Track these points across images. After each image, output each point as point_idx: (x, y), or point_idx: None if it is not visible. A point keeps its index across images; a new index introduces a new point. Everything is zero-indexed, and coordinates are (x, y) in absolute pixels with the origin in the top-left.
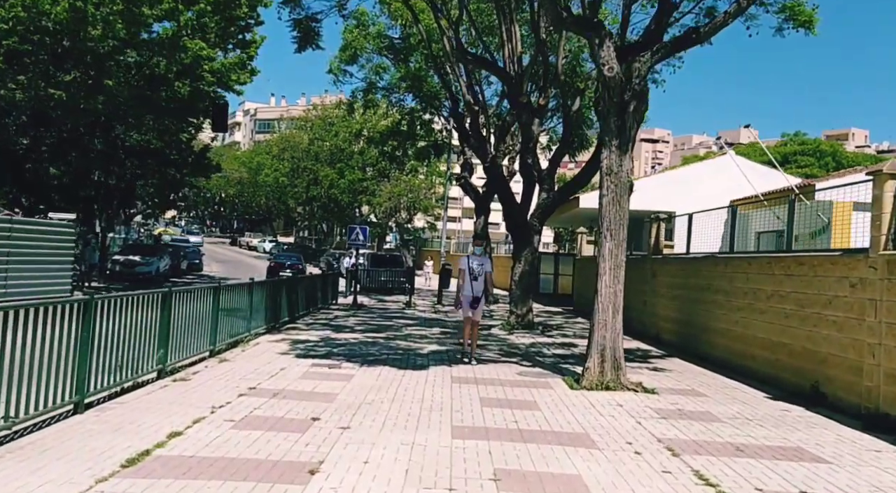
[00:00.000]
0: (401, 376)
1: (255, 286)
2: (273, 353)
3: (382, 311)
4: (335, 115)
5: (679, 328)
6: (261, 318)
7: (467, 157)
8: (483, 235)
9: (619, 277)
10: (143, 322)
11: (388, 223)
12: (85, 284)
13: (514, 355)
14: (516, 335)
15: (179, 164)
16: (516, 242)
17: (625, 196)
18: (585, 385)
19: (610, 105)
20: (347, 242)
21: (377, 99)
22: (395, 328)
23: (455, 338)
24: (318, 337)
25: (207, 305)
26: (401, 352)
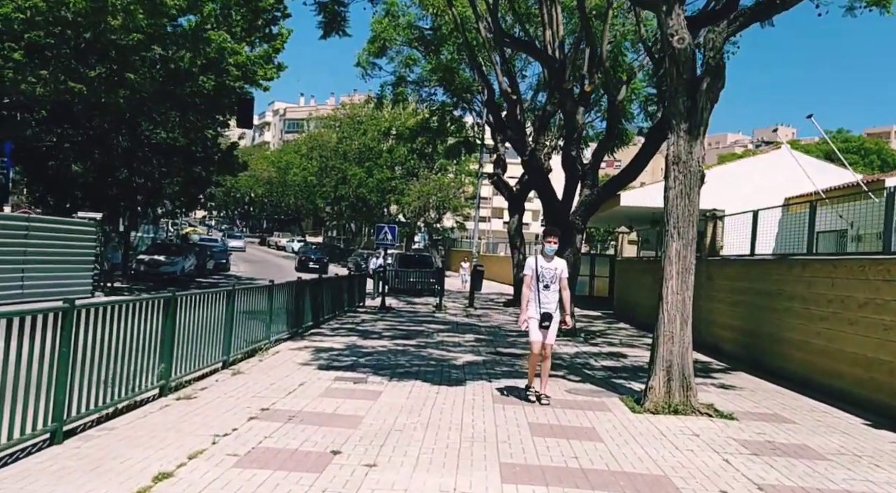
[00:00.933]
0: (435, 394)
1: (275, 289)
2: (293, 363)
3: (412, 314)
4: (363, 113)
5: (743, 338)
6: (282, 323)
7: (500, 153)
8: (555, 229)
9: (689, 282)
10: (141, 333)
11: (417, 223)
12: (107, 284)
13: (559, 366)
14: (558, 343)
15: (206, 161)
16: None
17: (695, 189)
18: (649, 407)
19: (679, 83)
20: (375, 241)
21: (406, 93)
22: (425, 335)
23: (491, 346)
24: (344, 344)
25: (220, 310)
26: (433, 363)
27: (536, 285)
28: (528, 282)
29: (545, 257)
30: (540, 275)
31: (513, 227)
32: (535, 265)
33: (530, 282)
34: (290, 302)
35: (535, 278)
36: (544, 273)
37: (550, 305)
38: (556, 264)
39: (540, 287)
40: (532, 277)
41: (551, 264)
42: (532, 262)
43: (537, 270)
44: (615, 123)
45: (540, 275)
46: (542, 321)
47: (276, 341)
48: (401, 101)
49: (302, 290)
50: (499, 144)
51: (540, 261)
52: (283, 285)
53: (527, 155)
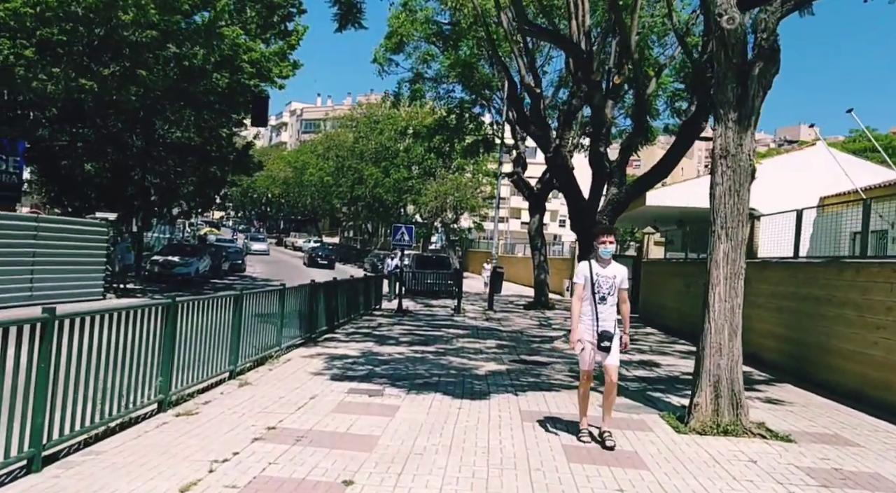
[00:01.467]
0: (457, 409)
1: (287, 292)
2: (305, 373)
3: (429, 318)
4: (380, 112)
5: (787, 347)
6: (294, 328)
7: (520, 151)
8: (610, 226)
9: (738, 288)
10: (136, 343)
11: (434, 224)
12: (119, 285)
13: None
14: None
15: (221, 161)
16: (583, 244)
17: (745, 185)
18: (696, 427)
19: (727, 68)
20: (392, 242)
21: (424, 89)
22: (444, 340)
23: (514, 353)
24: (359, 351)
25: (227, 316)
26: (454, 372)
27: (592, 296)
28: (581, 293)
29: (601, 262)
30: (595, 284)
31: (533, 227)
32: (590, 272)
33: (582, 293)
34: (304, 306)
35: (588, 286)
36: (601, 282)
37: (608, 321)
38: (615, 270)
39: (595, 299)
40: (586, 287)
41: (609, 270)
42: (585, 268)
43: (592, 278)
44: (643, 118)
45: (595, 284)
46: (600, 341)
47: (288, 348)
48: (418, 98)
49: (315, 293)
50: (519, 142)
51: (595, 267)
52: (295, 289)
53: (551, 152)
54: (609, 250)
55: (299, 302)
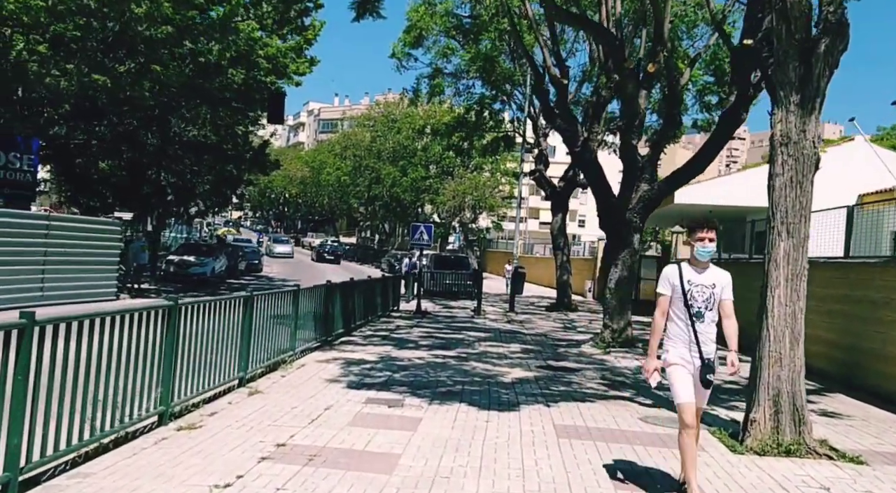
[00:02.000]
0: (485, 422)
1: (301, 294)
2: (320, 380)
3: (449, 319)
4: (398, 111)
5: (837, 354)
6: (309, 332)
7: (542, 148)
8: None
9: (801, 291)
10: (132, 351)
11: (452, 223)
12: (134, 285)
13: (623, 385)
14: (614, 356)
15: (237, 160)
16: (612, 243)
17: (809, 176)
18: (753, 446)
19: (789, 45)
20: (410, 241)
21: (443, 85)
22: (466, 344)
23: (540, 358)
24: (377, 356)
25: (236, 320)
26: (478, 380)
27: (685, 311)
28: (665, 307)
29: (697, 266)
30: (688, 295)
31: (556, 226)
32: (680, 279)
33: (668, 307)
34: (319, 308)
35: (680, 297)
36: (695, 293)
37: (709, 345)
38: (715, 276)
39: (690, 314)
40: (674, 299)
41: (706, 276)
42: (673, 273)
43: (683, 286)
44: (675, 111)
45: (688, 295)
46: (705, 373)
47: (303, 352)
48: (437, 93)
49: (331, 294)
50: (540, 139)
51: (687, 272)
52: (310, 290)
53: (579, 146)
54: (709, 250)
55: (314, 304)
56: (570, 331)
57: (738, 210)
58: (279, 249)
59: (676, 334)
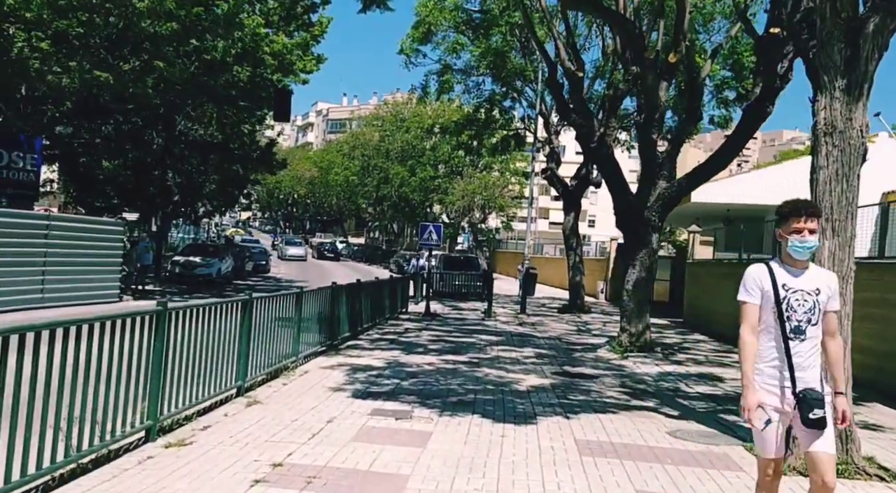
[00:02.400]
0: (500, 438)
1: (304, 296)
2: (323, 388)
3: (459, 322)
4: (407, 110)
5: (873, 361)
6: (313, 336)
7: (554, 146)
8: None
9: (847, 294)
10: (115, 361)
11: (461, 223)
12: (138, 287)
13: (645, 394)
14: (633, 361)
15: (244, 159)
16: (629, 242)
17: (855, 168)
18: (797, 466)
19: (834, 25)
20: (419, 242)
21: (453, 81)
22: (477, 348)
23: (556, 364)
24: (384, 361)
25: (234, 325)
26: (491, 388)
27: (778, 327)
28: (754, 321)
29: (792, 265)
30: (784, 304)
31: (568, 226)
32: (772, 284)
33: (758, 321)
34: (324, 311)
35: (771, 311)
36: (793, 302)
37: (810, 370)
38: (820, 279)
39: (786, 331)
40: (764, 309)
41: (807, 279)
42: (761, 275)
43: (778, 293)
44: (696, 104)
45: (784, 304)
46: (805, 410)
47: (307, 358)
48: (446, 91)
49: (337, 296)
50: (552, 137)
51: (781, 274)
52: (314, 292)
53: (594, 142)
54: (809, 246)
55: (319, 307)
56: (584, 334)
57: (755, 209)
58: (291, 251)
59: (765, 357)
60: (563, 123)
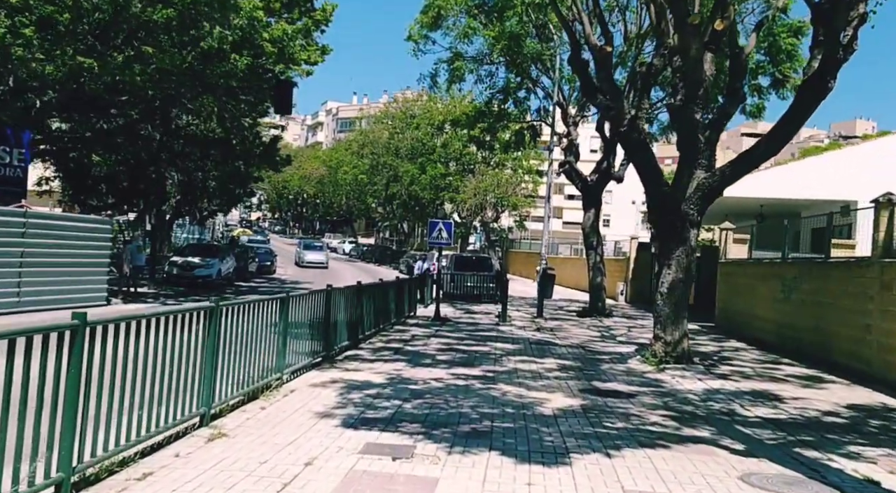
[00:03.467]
0: (526, 486)
1: (291, 302)
2: (308, 414)
3: (471, 327)
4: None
5: None
6: (304, 346)
7: (572, 138)
8: None
9: None
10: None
11: (473, 223)
12: (130, 289)
13: (695, 419)
14: (671, 375)
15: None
16: (664, 239)
17: None
18: None
19: None
20: (427, 240)
21: (464, 69)
22: (492, 358)
23: (583, 379)
24: (385, 376)
25: (195, 338)
26: (511, 411)
27: None
28: None
29: None
30: None
31: (588, 223)
32: None
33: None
34: (317, 317)
35: None
36: None
37: None
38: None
39: None
40: None
41: None
42: None
43: None
44: (739, 84)
45: None
46: None
47: (296, 373)
48: (457, 80)
49: (332, 301)
50: (570, 128)
51: None
52: (304, 297)
53: (625, 125)
54: None
55: (311, 313)
56: (608, 341)
57: (789, 205)
58: (310, 256)
59: None
60: (581, 114)
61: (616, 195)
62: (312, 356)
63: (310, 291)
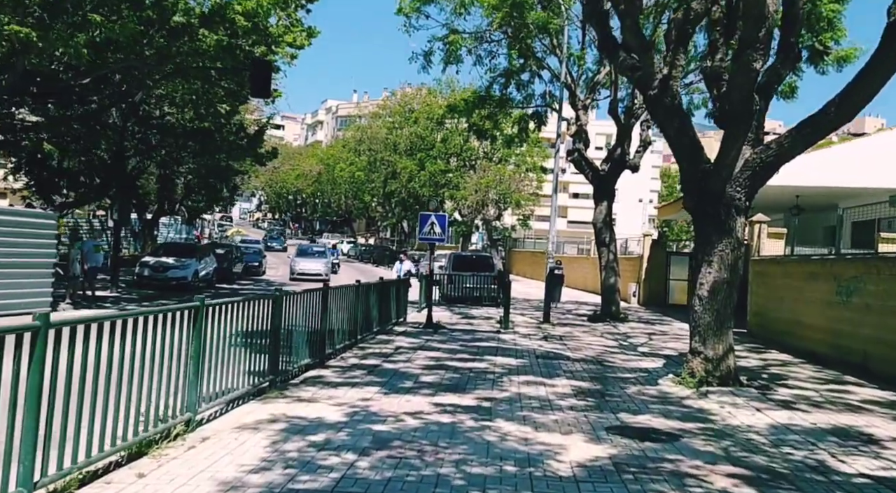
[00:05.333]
0: None
1: (210, 312)
2: (207, 486)
3: (468, 335)
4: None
5: None
6: (235, 371)
7: (581, 123)
8: None
9: None
10: None
11: (475, 221)
12: (87, 293)
13: (776, 478)
14: (717, 401)
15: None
16: (702, 229)
17: None
18: None
19: None
20: (419, 236)
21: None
22: (489, 379)
23: (606, 409)
24: (346, 411)
25: (14, 373)
26: (511, 469)
27: None
28: None
29: None
30: None
31: (600, 218)
32: None
33: None
34: (264, 330)
35: None
36: None
37: None
38: None
39: None
40: None
41: None
42: None
43: None
44: (794, 39)
45: None
46: None
47: (229, 406)
48: (454, 60)
49: (287, 309)
50: (580, 112)
51: None
52: (234, 306)
53: (655, 87)
54: None
55: (253, 325)
56: (629, 353)
57: (827, 194)
58: (304, 264)
59: None
60: (592, 98)
61: (622, 193)
62: (254, 382)
63: (250, 297)
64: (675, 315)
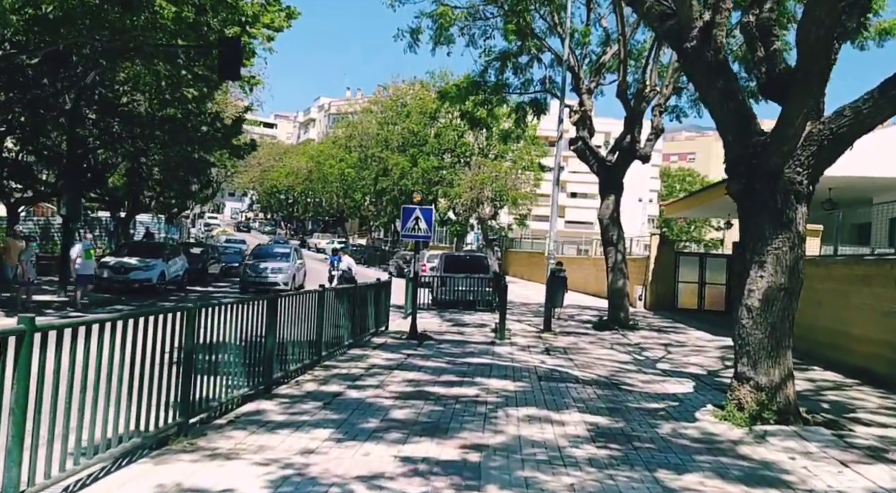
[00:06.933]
0: None
1: (53, 339)
2: None
3: (458, 349)
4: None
5: None
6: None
7: (586, 109)
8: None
9: None
10: None
11: (470, 220)
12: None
13: None
14: (783, 447)
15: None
16: (750, 220)
17: None
18: None
19: None
20: (401, 232)
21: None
22: (480, 416)
23: (637, 460)
24: (272, 478)
25: None
26: None
27: None
28: None
29: None
30: None
31: (606, 213)
32: None
33: None
34: (162, 355)
35: None
36: None
37: None
38: None
39: None
40: None
41: None
42: None
43: None
44: None
45: None
46: None
47: (105, 471)
48: (444, 40)
49: (197, 326)
50: (584, 96)
51: None
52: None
53: (694, 37)
54: None
55: (142, 348)
56: (647, 370)
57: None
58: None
59: None
60: (596, 81)
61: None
62: (154, 426)
63: (145, 312)
64: (687, 321)
